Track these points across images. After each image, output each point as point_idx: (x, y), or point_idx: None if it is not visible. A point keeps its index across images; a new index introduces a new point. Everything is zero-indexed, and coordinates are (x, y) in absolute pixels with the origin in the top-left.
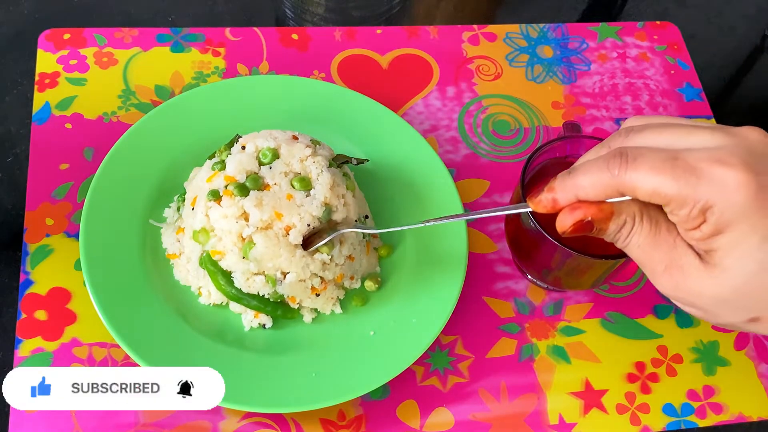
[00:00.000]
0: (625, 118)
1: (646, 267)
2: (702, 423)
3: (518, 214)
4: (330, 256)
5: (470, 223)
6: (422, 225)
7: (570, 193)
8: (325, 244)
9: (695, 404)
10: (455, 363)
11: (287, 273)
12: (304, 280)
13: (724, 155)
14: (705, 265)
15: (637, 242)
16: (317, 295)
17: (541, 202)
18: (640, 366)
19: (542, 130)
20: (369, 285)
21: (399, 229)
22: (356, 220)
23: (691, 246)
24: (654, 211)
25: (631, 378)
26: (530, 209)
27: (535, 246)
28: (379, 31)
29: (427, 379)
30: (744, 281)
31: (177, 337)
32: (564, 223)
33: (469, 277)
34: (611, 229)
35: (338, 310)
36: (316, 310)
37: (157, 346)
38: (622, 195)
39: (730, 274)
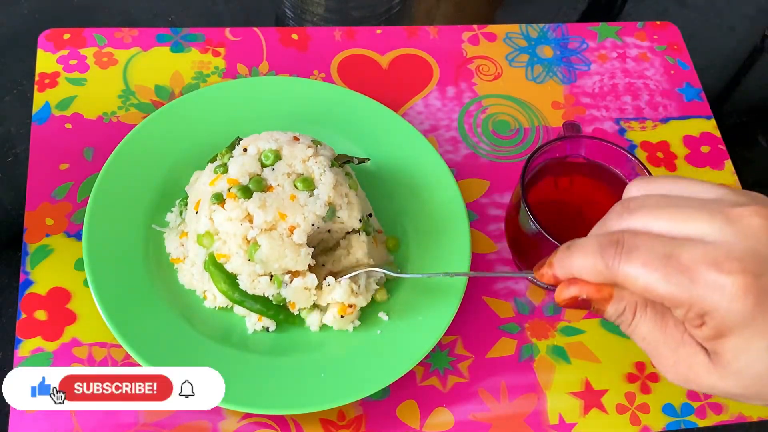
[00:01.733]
0: (625, 119)
1: (654, 359)
2: (702, 423)
3: (518, 214)
4: (358, 285)
5: (470, 223)
6: (428, 276)
7: (566, 271)
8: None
9: (695, 404)
10: (455, 363)
11: (295, 275)
12: (309, 288)
13: (720, 257)
14: (714, 365)
15: (642, 334)
16: (342, 316)
17: (543, 276)
18: (640, 366)
19: (542, 130)
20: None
21: (412, 276)
22: (360, 219)
23: (699, 343)
24: (660, 304)
25: (631, 378)
26: (533, 277)
27: (535, 246)
28: (379, 31)
29: (427, 379)
30: (754, 382)
31: (181, 339)
32: (560, 297)
33: (470, 277)
34: (610, 313)
35: (357, 323)
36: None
37: (161, 348)
38: (617, 285)
39: (740, 376)
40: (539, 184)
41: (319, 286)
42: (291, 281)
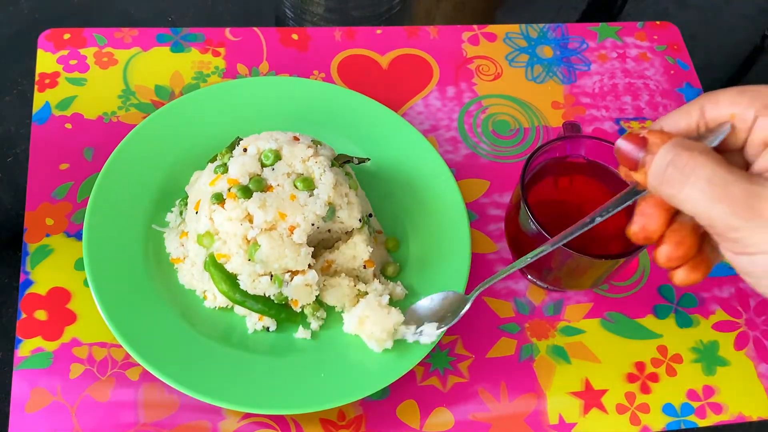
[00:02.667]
0: (625, 119)
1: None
2: (702, 423)
3: (518, 214)
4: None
5: (470, 223)
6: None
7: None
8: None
9: (695, 404)
10: (455, 363)
11: (295, 274)
12: (311, 285)
13: None
14: None
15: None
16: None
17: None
18: (639, 366)
19: (542, 130)
20: (390, 272)
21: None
22: (360, 219)
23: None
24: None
25: (631, 378)
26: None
27: (534, 246)
28: (379, 31)
29: (427, 379)
30: None
31: (181, 339)
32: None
33: (470, 277)
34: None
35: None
36: (322, 318)
37: (161, 348)
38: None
39: None
40: (539, 184)
41: (319, 282)
42: (291, 279)
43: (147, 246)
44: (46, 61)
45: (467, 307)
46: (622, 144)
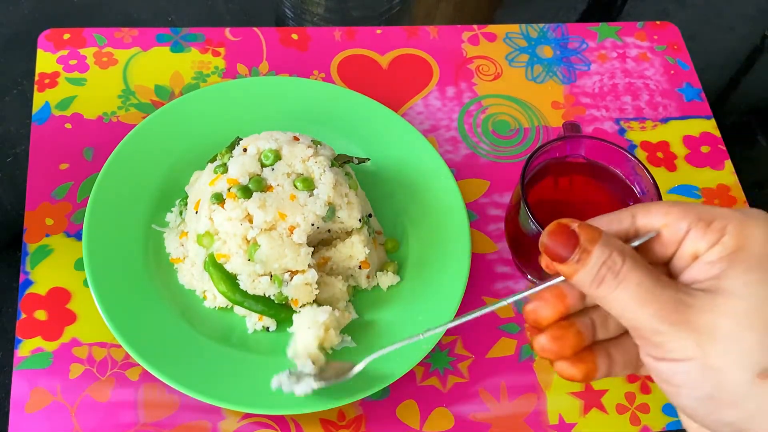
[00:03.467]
0: (625, 119)
1: (642, 308)
2: None
3: (518, 214)
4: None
5: (471, 223)
6: (419, 337)
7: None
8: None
9: None
10: (455, 363)
11: (294, 274)
12: (310, 284)
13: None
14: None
15: (637, 280)
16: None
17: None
18: None
19: (542, 130)
20: (391, 269)
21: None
22: (360, 219)
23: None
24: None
25: (630, 378)
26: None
27: (535, 246)
28: (379, 31)
29: (426, 379)
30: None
31: (181, 339)
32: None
33: (470, 277)
34: (595, 259)
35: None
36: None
37: (161, 348)
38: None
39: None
40: (539, 184)
41: (319, 281)
42: (291, 279)
43: (147, 246)
44: (46, 61)
45: (353, 373)
46: (550, 240)
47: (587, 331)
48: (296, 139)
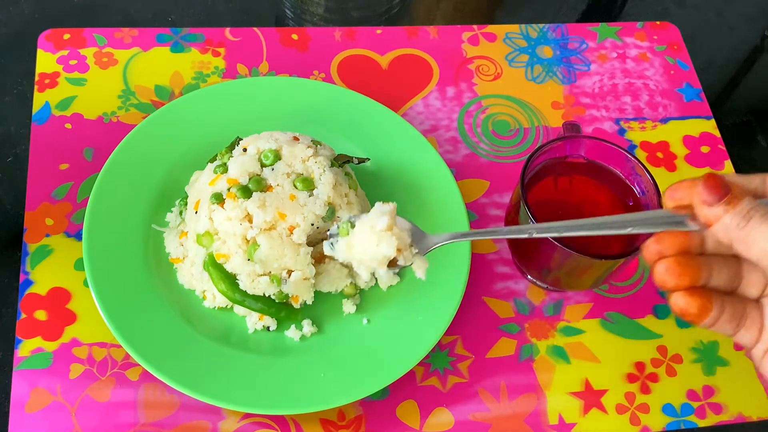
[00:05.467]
0: (625, 119)
1: None
2: (702, 423)
3: (518, 214)
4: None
5: (470, 223)
6: None
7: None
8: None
9: (695, 404)
10: (455, 363)
11: (291, 271)
12: (308, 279)
13: None
14: None
15: None
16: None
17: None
18: (639, 366)
19: (542, 130)
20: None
21: None
22: None
23: None
24: None
25: (630, 378)
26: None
27: (534, 246)
28: (379, 31)
29: (426, 379)
30: None
31: (181, 339)
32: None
33: (469, 277)
34: (742, 205)
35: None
36: (315, 323)
37: (161, 348)
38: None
39: None
40: (539, 184)
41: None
42: (289, 276)
43: (147, 246)
44: (46, 61)
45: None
46: (705, 185)
47: (706, 270)
48: (296, 139)
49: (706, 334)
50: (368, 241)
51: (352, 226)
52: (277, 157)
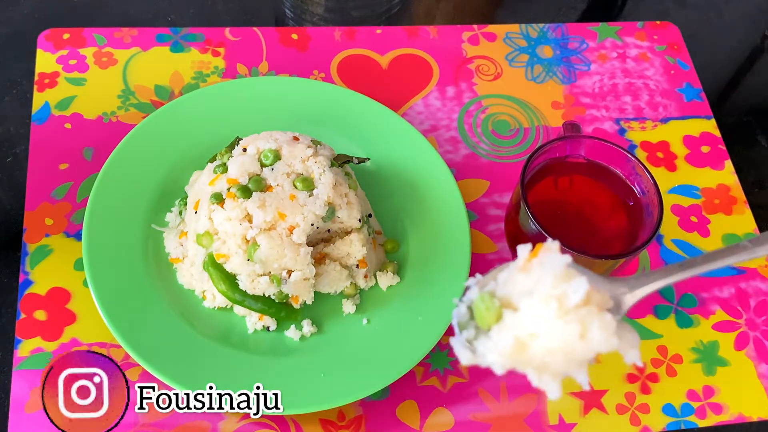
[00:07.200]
0: (625, 119)
1: None
2: (702, 423)
3: (518, 214)
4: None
5: (471, 223)
6: None
7: None
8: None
9: (695, 404)
10: (455, 363)
11: (292, 272)
12: (309, 279)
13: None
14: None
15: None
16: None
17: None
18: (639, 366)
19: (542, 130)
20: (391, 269)
21: None
22: (359, 219)
23: None
24: None
25: (630, 378)
26: None
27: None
28: (378, 31)
29: (426, 379)
30: None
31: (181, 339)
32: None
33: (470, 277)
34: None
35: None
36: (314, 324)
37: (161, 348)
38: None
39: None
40: (539, 184)
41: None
42: (289, 276)
43: (146, 246)
44: (45, 61)
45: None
46: None
47: None
48: (296, 139)
49: (707, 334)
50: (558, 331)
51: (505, 305)
52: (277, 157)
